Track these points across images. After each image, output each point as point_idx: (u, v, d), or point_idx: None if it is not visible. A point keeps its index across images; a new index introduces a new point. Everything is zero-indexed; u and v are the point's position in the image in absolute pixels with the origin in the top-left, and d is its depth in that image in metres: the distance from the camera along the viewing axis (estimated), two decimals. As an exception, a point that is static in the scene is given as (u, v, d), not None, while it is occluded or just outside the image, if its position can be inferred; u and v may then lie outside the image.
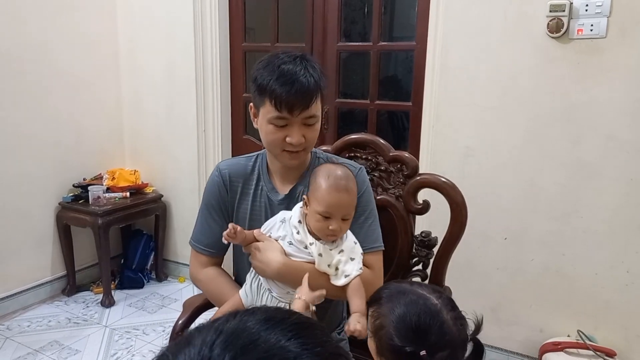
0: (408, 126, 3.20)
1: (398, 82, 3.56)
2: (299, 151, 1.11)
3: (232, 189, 1.21)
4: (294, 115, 1.06)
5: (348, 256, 1.08)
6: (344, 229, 1.07)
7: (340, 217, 1.05)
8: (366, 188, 1.18)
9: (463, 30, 1.97)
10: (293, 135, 1.08)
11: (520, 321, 2.03)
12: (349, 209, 1.07)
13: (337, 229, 1.04)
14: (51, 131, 2.64)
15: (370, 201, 1.19)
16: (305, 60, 1.09)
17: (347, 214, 1.06)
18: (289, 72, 1.06)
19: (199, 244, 1.24)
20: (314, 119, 1.10)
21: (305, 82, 1.05)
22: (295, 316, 0.44)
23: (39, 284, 2.67)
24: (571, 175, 1.87)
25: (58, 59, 2.63)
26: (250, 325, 0.40)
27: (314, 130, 1.11)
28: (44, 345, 2.25)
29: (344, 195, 1.05)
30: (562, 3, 1.74)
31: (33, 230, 2.62)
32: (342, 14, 2.48)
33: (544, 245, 1.94)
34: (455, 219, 1.26)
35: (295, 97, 1.05)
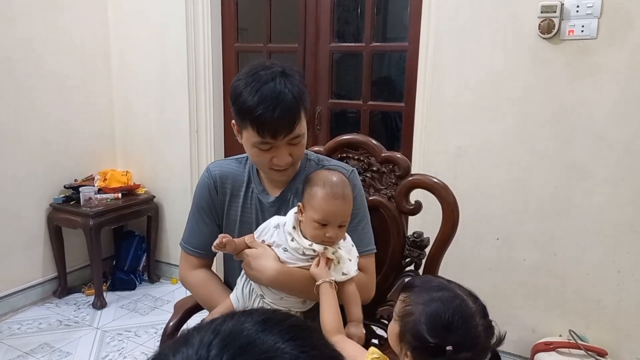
0: (401, 127, 3.22)
1: (391, 83, 3.56)
2: (288, 166, 1.10)
3: (222, 190, 1.20)
4: (279, 140, 1.04)
5: (347, 256, 1.08)
6: (341, 235, 1.07)
7: (337, 224, 1.04)
8: (358, 190, 1.17)
9: (455, 30, 1.97)
10: (279, 157, 1.06)
11: (512, 321, 2.04)
12: (346, 216, 1.06)
13: (334, 236, 1.04)
14: (42, 131, 2.62)
15: (363, 203, 1.18)
16: (286, 76, 1.04)
17: (344, 221, 1.06)
18: (270, 95, 1.01)
19: (189, 245, 1.23)
20: (299, 138, 1.07)
21: (288, 104, 1.01)
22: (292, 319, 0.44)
23: (30, 285, 2.64)
24: (562, 175, 1.88)
25: (48, 59, 2.61)
26: (247, 327, 0.40)
27: (301, 146, 1.09)
28: (34, 348, 2.23)
29: (341, 203, 1.04)
30: (554, 4, 1.75)
31: (23, 232, 2.60)
32: (335, 15, 2.48)
33: (536, 246, 1.95)
34: (447, 220, 1.26)
35: (278, 122, 1.01)
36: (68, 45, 2.69)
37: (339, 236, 1.06)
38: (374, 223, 1.38)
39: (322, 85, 2.54)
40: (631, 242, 1.79)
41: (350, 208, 1.07)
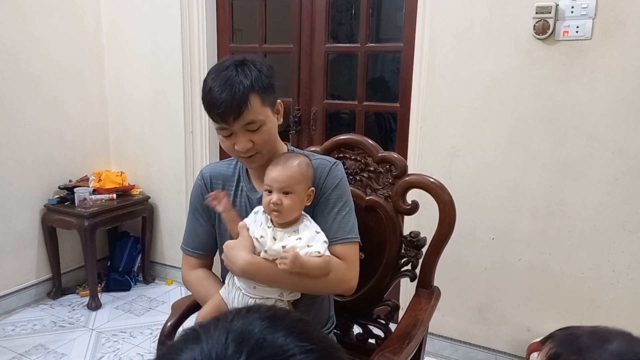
0: (395, 127, 3.22)
1: (385, 84, 3.58)
2: (253, 155, 1.13)
3: (213, 190, 1.24)
4: (231, 125, 1.07)
5: (305, 243, 1.09)
6: (288, 204, 1.08)
7: (279, 189, 1.08)
8: (340, 181, 1.19)
9: (449, 31, 1.98)
10: (238, 142, 1.10)
11: (507, 321, 2.05)
12: (288, 182, 1.09)
13: (277, 201, 1.07)
14: (36, 132, 2.60)
15: (345, 193, 1.19)
16: (242, 64, 1.09)
17: (286, 186, 1.08)
18: (221, 81, 1.06)
19: (187, 247, 1.29)
20: (255, 124, 1.09)
21: (234, 89, 1.05)
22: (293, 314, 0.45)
23: (24, 287, 2.63)
24: (556, 175, 1.89)
25: (41, 60, 2.59)
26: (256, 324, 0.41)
27: (262, 133, 1.11)
28: (29, 349, 2.22)
29: (281, 168, 1.10)
30: (548, 5, 1.76)
31: (18, 233, 2.58)
32: (330, 16, 2.48)
33: (530, 245, 1.96)
34: (443, 219, 1.27)
35: (225, 107, 1.05)
36: (60, 47, 2.68)
37: (285, 204, 1.08)
38: (370, 223, 1.38)
39: (317, 86, 2.54)
40: (625, 241, 1.81)
41: (294, 177, 1.09)
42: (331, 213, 1.15)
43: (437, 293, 1.31)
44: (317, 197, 1.17)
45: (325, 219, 1.15)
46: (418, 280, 1.32)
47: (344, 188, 1.19)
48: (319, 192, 1.17)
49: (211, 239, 1.27)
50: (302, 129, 2.60)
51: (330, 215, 1.15)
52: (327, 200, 1.16)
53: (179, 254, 1.33)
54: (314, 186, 1.16)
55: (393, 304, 1.36)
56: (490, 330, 2.09)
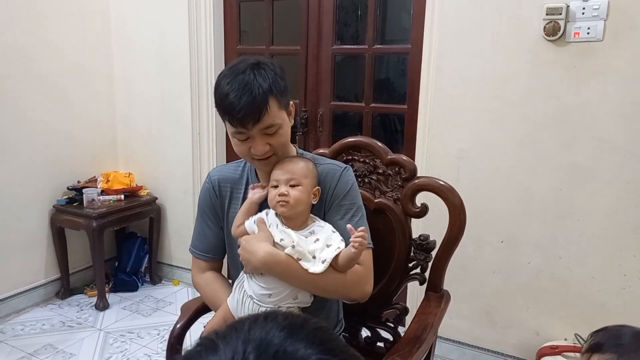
0: (400, 129, 3.21)
1: (390, 85, 3.57)
2: (269, 157, 1.12)
3: (222, 193, 1.24)
4: (249, 129, 1.06)
5: (324, 243, 1.08)
6: (295, 195, 1.07)
7: (286, 182, 1.08)
8: (351, 186, 1.18)
9: (458, 33, 1.97)
10: (256, 146, 1.09)
11: (515, 324, 2.03)
12: (295, 175, 1.09)
13: (285, 192, 1.07)
14: (45, 134, 2.62)
15: (357, 198, 1.18)
16: (258, 67, 1.07)
17: (292, 179, 1.08)
18: (238, 85, 1.04)
19: (196, 249, 1.28)
20: (273, 128, 1.08)
21: (254, 94, 1.04)
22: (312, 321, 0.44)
23: (33, 287, 2.64)
24: (565, 178, 1.87)
25: (50, 63, 2.61)
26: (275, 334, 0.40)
27: (278, 136, 1.10)
28: (38, 349, 2.23)
29: (287, 162, 1.11)
30: (559, 6, 1.75)
31: (27, 233, 2.60)
32: (337, 17, 2.48)
33: (539, 249, 1.95)
34: (454, 223, 1.26)
35: (245, 112, 1.03)
36: (70, 48, 2.69)
37: (293, 196, 1.07)
38: (379, 226, 1.38)
39: (324, 88, 2.54)
40: (636, 245, 1.79)
41: (301, 171, 1.09)
42: (344, 218, 1.14)
43: (447, 296, 1.31)
44: (329, 202, 1.15)
45: (339, 225, 1.13)
46: (427, 284, 1.31)
47: (355, 193, 1.18)
48: (331, 197, 1.15)
49: (220, 242, 1.26)
50: (308, 130, 2.60)
51: (344, 221, 1.13)
52: (340, 205, 1.15)
53: (186, 255, 1.33)
54: (325, 191, 1.15)
55: (402, 307, 1.35)
56: (498, 334, 2.07)
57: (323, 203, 1.16)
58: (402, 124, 3.14)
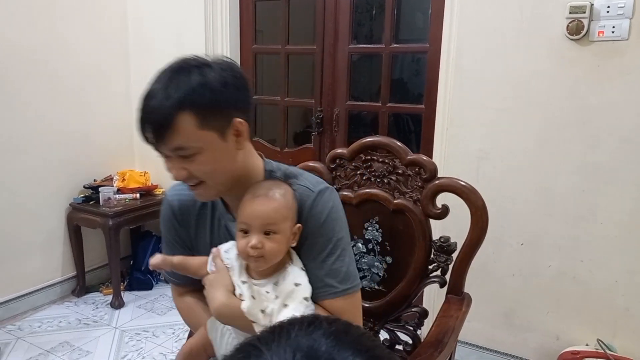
0: (413, 129, 3.19)
1: (404, 85, 3.55)
2: (196, 185, 0.90)
3: (185, 222, 1.05)
4: (158, 148, 0.87)
5: (282, 302, 0.88)
6: (272, 248, 0.88)
7: (260, 229, 0.87)
8: (328, 215, 0.93)
9: (478, 31, 1.94)
10: (170, 169, 0.88)
11: (534, 328, 2.00)
12: (271, 220, 0.87)
13: (258, 244, 0.86)
14: (62, 133, 2.65)
15: (336, 231, 0.95)
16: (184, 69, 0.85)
17: (268, 225, 0.87)
18: (148, 91, 0.85)
19: (171, 276, 1.12)
20: (186, 151, 0.84)
21: (157, 105, 0.82)
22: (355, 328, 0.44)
23: (50, 284, 2.67)
24: (587, 179, 1.83)
25: (68, 62, 2.63)
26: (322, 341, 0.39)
27: (198, 163, 0.86)
28: (55, 346, 2.25)
29: (261, 201, 0.88)
30: (583, 4, 1.71)
31: (45, 231, 2.62)
32: (354, 16, 2.46)
33: (560, 251, 1.91)
34: (476, 224, 1.23)
35: (145, 126, 0.84)
36: (87, 49, 2.71)
37: (267, 248, 0.87)
38: (398, 227, 1.36)
39: (340, 87, 2.53)
40: (661, 248, 1.75)
41: (279, 212, 0.88)
42: (317, 259, 0.93)
43: (468, 300, 1.28)
44: (300, 239, 0.94)
45: (311, 268, 0.93)
46: (448, 287, 1.29)
47: (333, 223, 0.94)
48: (302, 232, 0.94)
49: None
50: (324, 130, 2.59)
51: (316, 262, 0.93)
52: (313, 244, 0.93)
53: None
54: None
55: (422, 310, 1.33)
56: (517, 337, 2.04)
57: None
58: (416, 123, 3.11)
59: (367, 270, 1.41)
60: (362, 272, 1.42)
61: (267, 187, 0.91)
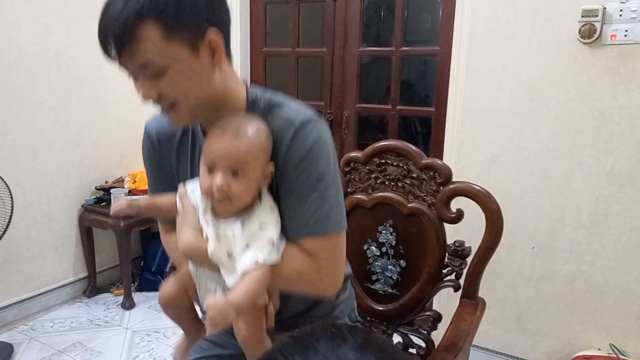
0: (421, 130, 3.19)
1: (411, 86, 3.56)
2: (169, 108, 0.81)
3: (166, 151, 0.98)
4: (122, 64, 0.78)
5: (245, 243, 0.83)
6: (238, 190, 0.80)
7: (227, 168, 0.80)
8: (311, 147, 0.83)
9: (489, 35, 1.94)
10: (139, 89, 0.79)
11: (546, 332, 1.99)
12: (239, 160, 0.79)
13: (224, 184, 0.79)
14: (74, 135, 2.67)
15: (319, 166, 0.84)
16: None
17: (236, 165, 0.79)
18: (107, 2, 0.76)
19: None
20: (151, 67, 0.75)
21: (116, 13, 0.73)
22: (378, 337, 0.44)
23: (61, 285, 2.69)
24: (601, 183, 1.83)
25: (80, 64, 2.65)
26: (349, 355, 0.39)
27: (167, 81, 0.77)
28: (67, 347, 2.27)
29: (230, 138, 0.79)
30: (595, 8, 1.71)
31: (57, 232, 2.65)
32: (364, 19, 2.47)
33: (573, 256, 1.90)
34: (491, 229, 1.24)
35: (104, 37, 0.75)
36: (99, 50, 2.73)
37: (234, 190, 0.80)
38: (412, 230, 1.36)
39: (350, 90, 2.53)
40: (674, 253, 1.74)
41: (250, 151, 0.80)
42: (297, 197, 0.84)
43: (483, 304, 1.28)
44: (278, 175, 0.86)
45: (289, 207, 0.85)
46: (462, 291, 1.29)
47: (315, 158, 0.83)
48: (280, 169, 0.85)
49: None
50: (333, 132, 2.60)
51: (295, 201, 0.85)
52: (292, 180, 0.85)
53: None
54: (275, 159, 0.85)
55: (435, 314, 1.33)
56: (529, 341, 2.03)
57: None
58: (423, 125, 3.12)
59: (380, 274, 1.42)
60: (375, 275, 1.43)
61: (238, 122, 0.82)
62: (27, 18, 2.40)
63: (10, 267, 2.44)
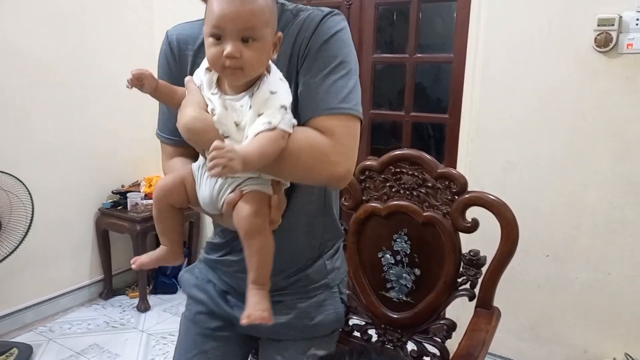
0: (433, 134, 3.19)
1: (424, 90, 3.56)
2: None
3: (182, 56, 0.97)
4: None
5: (256, 112, 0.79)
6: (251, 57, 0.76)
7: (236, 35, 0.75)
8: (336, 34, 0.86)
9: (504, 42, 1.95)
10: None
11: (561, 340, 1.98)
12: (251, 24, 0.75)
13: (235, 51, 0.75)
14: (91, 140, 2.72)
15: (341, 49, 0.85)
16: None
17: (247, 30, 0.75)
18: None
19: (162, 132, 1.06)
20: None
21: None
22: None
23: (78, 287, 2.74)
24: (617, 191, 1.82)
25: (97, 69, 2.70)
26: None
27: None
28: (85, 348, 2.31)
29: (238, 2, 0.75)
30: (612, 17, 1.71)
31: (74, 236, 2.70)
32: (378, 27, 2.49)
33: (588, 264, 1.89)
34: (506, 238, 1.24)
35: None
36: (116, 58, 2.79)
37: (246, 56, 0.76)
38: (427, 239, 1.37)
39: (364, 96, 2.54)
40: (692, 263, 1.72)
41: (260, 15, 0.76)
42: (318, 75, 0.83)
43: (498, 314, 1.29)
44: (301, 57, 0.86)
45: (309, 85, 0.84)
46: (477, 300, 1.30)
47: (339, 44, 0.85)
48: (304, 50, 0.85)
49: None
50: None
51: (316, 79, 0.83)
52: (315, 59, 0.84)
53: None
54: (298, 45, 0.85)
55: (450, 322, 1.34)
56: (544, 350, 2.02)
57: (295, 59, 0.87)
58: (435, 130, 3.12)
59: (395, 282, 1.43)
60: (390, 283, 1.44)
61: None
62: (45, 24, 2.45)
63: (28, 269, 2.50)
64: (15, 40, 2.35)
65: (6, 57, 2.32)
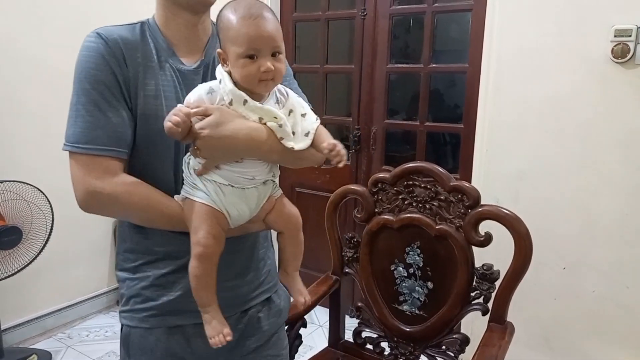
0: (449, 140, 3.17)
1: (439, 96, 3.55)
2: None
3: (132, 61, 0.90)
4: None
5: (299, 113, 0.91)
6: (280, 69, 0.84)
7: (269, 51, 0.83)
8: None
9: (519, 52, 1.94)
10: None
11: (576, 353, 1.95)
12: (277, 40, 0.84)
13: (271, 68, 0.82)
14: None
15: None
16: None
17: (275, 46, 0.84)
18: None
19: (93, 144, 0.87)
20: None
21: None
22: None
23: (96, 294, 2.79)
24: (633, 202, 1.80)
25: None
26: None
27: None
28: (102, 356, 2.35)
29: (264, 22, 0.83)
30: (629, 28, 1.69)
31: (92, 242, 2.75)
32: (392, 37, 2.50)
33: (604, 275, 1.87)
34: (520, 252, 1.24)
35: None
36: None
37: (278, 69, 0.84)
38: (440, 252, 1.38)
39: (378, 106, 2.56)
40: None
41: (279, 31, 0.85)
42: None
43: (511, 329, 1.28)
44: None
45: None
46: (490, 315, 1.29)
47: None
48: None
49: (131, 132, 0.89)
50: (361, 148, 2.62)
51: None
52: None
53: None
54: None
55: (463, 337, 1.34)
56: (560, 363, 2.00)
57: None
58: (451, 136, 3.10)
59: (408, 295, 1.43)
60: (402, 296, 1.44)
61: (257, 7, 0.84)
62: (65, 33, 2.51)
63: (48, 276, 2.55)
64: (36, 50, 2.41)
65: (26, 66, 2.38)
